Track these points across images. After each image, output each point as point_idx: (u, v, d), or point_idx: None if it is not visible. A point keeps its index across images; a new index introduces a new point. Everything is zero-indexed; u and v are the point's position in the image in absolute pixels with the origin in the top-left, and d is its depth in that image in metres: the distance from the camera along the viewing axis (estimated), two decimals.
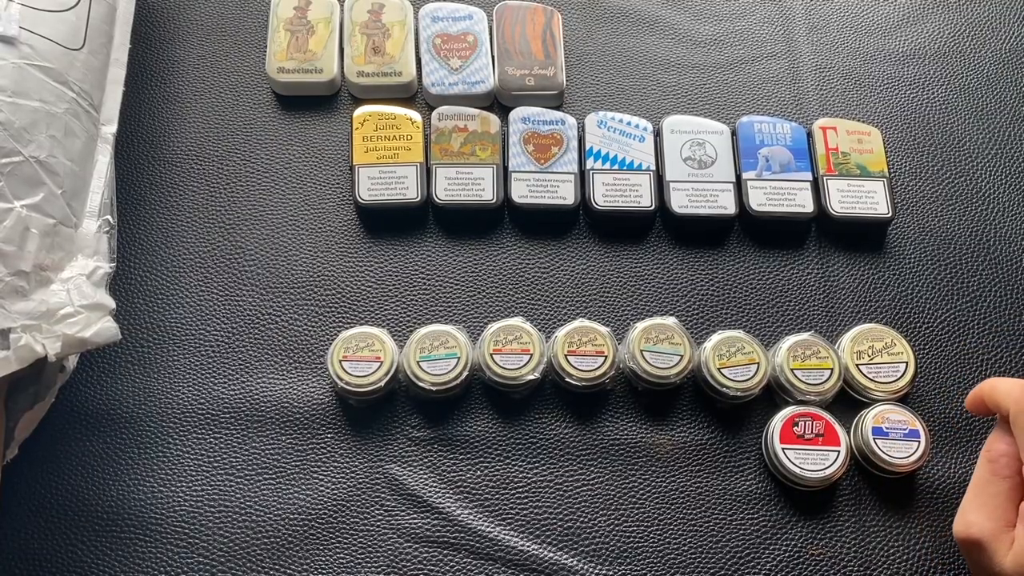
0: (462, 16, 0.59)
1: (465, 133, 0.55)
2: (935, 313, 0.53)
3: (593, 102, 0.59)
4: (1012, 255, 0.55)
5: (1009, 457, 0.41)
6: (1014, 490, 0.41)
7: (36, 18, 0.46)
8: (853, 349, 0.50)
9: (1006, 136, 0.59)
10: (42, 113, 0.44)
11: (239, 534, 0.45)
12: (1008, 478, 0.41)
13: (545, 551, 0.46)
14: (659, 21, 0.62)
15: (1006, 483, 0.41)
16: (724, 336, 0.49)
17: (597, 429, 0.49)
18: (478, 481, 0.47)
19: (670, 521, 0.47)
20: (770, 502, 0.47)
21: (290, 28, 0.58)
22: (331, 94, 0.58)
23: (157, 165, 0.55)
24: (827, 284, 0.53)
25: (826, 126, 0.56)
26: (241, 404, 0.49)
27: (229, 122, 0.57)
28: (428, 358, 0.47)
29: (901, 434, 0.47)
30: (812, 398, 0.48)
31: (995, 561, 0.40)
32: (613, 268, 0.53)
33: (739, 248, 0.55)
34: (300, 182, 0.55)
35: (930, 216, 0.56)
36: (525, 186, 0.54)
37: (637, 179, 0.54)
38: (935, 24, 0.63)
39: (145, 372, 0.49)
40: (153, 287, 0.52)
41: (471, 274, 0.53)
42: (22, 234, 0.41)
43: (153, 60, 0.59)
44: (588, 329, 0.49)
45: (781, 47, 0.62)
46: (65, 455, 0.47)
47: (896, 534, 0.47)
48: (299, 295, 0.52)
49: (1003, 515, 0.41)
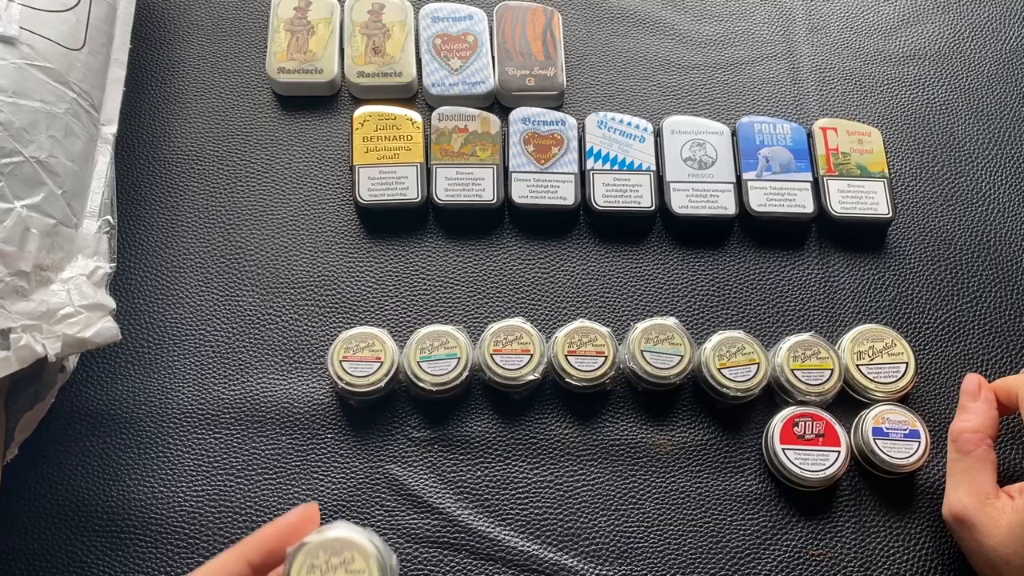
0: (462, 16, 0.60)
1: (465, 133, 0.55)
2: (935, 313, 0.53)
3: (593, 102, 0.59)
4: (1012, 255, 0.55)
5: (969, 432, 0.45)
6: (982, 461, 0.43)
7: (36, 18, 0.46)
8: (853, 349, 0.50)
9: (1006, 136, 0.59)
10: (42, 113, 0.44)
11: (239, 534, 0.45)
12: (972, 452, 0.44)
13: (545, 551, 0.46)
14: (659, 21, 0.62)
15: (972, 457, 0.44)
16: (724, 336, 0.49)
17: (597, 429, 0.49)
18: (478, 481, 0.47)
19: (670, 521, 0.47)
20: (770, 502, 0.47)
21: (290, 28, 0.58)
22: (331, 94, 0.58)
23: (157, 165, 0.55)
24: (827, 284, 0.53)
25: (826, 126, 0.56)
26: (241, 404, 0.49)
27: (229, 122, 0.57)
28: (428, 358, 0.47)
29: (901, 434, 0.47)
30: (812, 398, 0.48)
31: (986, 535, 0.41)
32: (613, 268, 0.53)
33: (739, 248, 0.55)
34: (300, 182, 0.55)
35: (930, 216, 0.56)
36: (525, 186, 0.54)
37: (637, 179, 0.54)
38: (935, 25, 0.63)
39: (145, 372, 0.49)
40: (153, 287, 0.52)
41: (471, 274, 0.53)
42: (22, 234, 0.41)
43: (153, 60, 0.59)
44: (588, 329, 0.49)
45: (781, 47, 0.62)
46: (65, 455, 0.47)
47: (896, 534, 0.47)
48: (299, 295, 0.52)
49: (980, 488, 0.43)
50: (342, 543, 0.31)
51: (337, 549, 0.31)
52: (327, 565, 0.30)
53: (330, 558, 0.30)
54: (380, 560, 0.31)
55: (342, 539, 0.31)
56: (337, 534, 0.31)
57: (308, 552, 0.30)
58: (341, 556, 0.30)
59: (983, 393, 0.46)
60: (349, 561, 0.30)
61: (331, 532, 0.31)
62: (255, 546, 0.30)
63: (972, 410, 0.46)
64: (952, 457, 0.45)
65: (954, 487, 0.44)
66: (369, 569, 0.30)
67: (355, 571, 0.30)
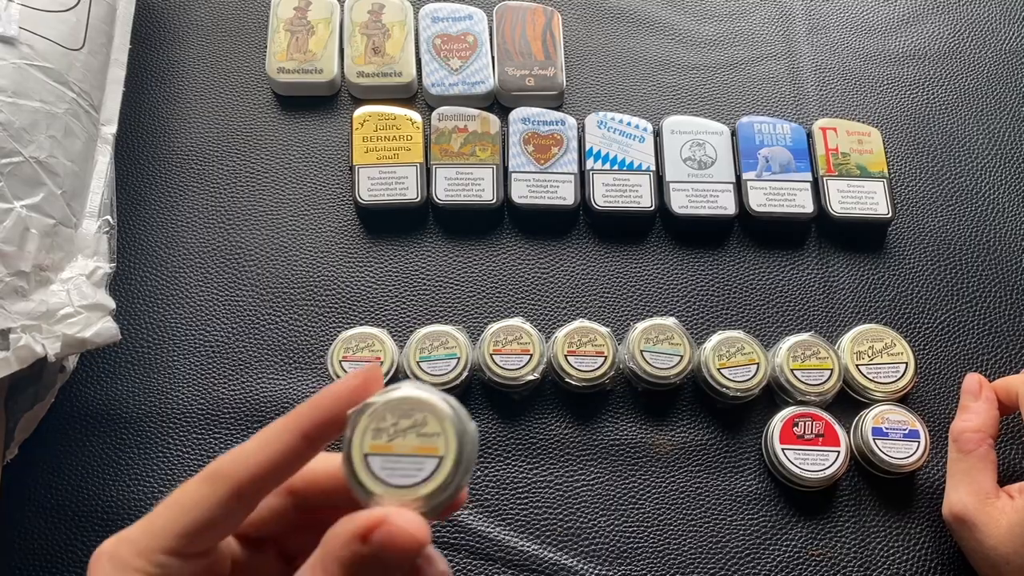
0: (462, 16, 0.59)
1: (465, 133, 0.55)
2: (935, 313, 0.53)
3: (593, 102, 0.59)
4: (1012, 255, 0.55)
5: (970, 431, 0.45)
6: (982, 460, 0.43)
7: (36, 18, 0.46)
8: (853, 349, 0.50)
9: (1006, 136, 0.59)
10: (42, 113, 0.44)
11: None
12: (973, 451, 0.44)
13: (545, 551, 0.46)
14: (659, 21, 0.62)
15: (972, 456, 0.44)
16: (724, 336, 0.49)
17: (597, 429, 0.49)
18: (478, 481, 0.47)
19: (670, 521, 0.47)
20: (770, 502, 0.47)
21: (290, 28, 0.58)
22: (331, 94, 0.58)
23: (157, 165, 0.55)
24: (827, 284, 0.53)
25: (826, 127, 0.56)
26: (241, 404, 0.49)
27: (229, 122, 0.57)
28: (428, 358, 0.47)
29: (901, 434, 0.47)
30: (812, 398, 0.48)
31: (986, 534, 0.41)
32: (613, 268, 0.53)
33: (739, 248, 0.55)
34: (300, 182, 0.55)
35: (930, 216, 0.56)
36: (525, 186, 0.54)
37: (637, 179, 0.54)
38: (935, 25, 0.63)
39: (145, 372, 0.49)
40: (153, 287, 0.52)
41: (471, 274, 0.53)
42: (22, 234, 0.41)
43: (153, 60, 0.59)
44: (588, 329, 0.49)
45: (781, 47, 0.62)
46: (65, 455, 0.47)
47: (896, 534, 0.47)
48: (299, 295, 0.52)
49: (980, 487, 0.43)
50: (412, 403, 0.25)
51: (406, 410, 0.25)
52: (395, 429, 0.25)
53: (398, 420, 0.25)
54: (457, 422, 0.25)
55: (412, 398, 0.25)
56: (406, 393, 0.25)
57: (373, 415, 0.25)
58: (411, 418, 0.25)
59: (984, 392, 0.46)
60: (421, 424, 0.25)
61: (399, 391, 0.25)
62: (310, 415, 0.25)
63: (973, 409, 0.46)
64: (953, 456, 0.45)
65: (954, 486, 0.44)
66: (444, 432, 0.25)
67: (428, 434, 0.25)
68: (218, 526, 0.24)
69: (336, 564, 0.23)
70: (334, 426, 0.25)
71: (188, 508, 0.24)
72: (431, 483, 0.24)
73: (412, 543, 0.22)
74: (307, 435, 0.25)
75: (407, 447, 0.25)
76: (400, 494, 0.24)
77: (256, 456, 0.24)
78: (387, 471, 0.24)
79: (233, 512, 0.24)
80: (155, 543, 0.24)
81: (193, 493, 0.24)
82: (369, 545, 0.22)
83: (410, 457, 0.25)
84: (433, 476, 0.24)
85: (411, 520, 0.23)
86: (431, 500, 0.24)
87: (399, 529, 0.22)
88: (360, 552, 0.22)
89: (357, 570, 0.23)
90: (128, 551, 0.24)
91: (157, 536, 0.24)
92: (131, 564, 0.24)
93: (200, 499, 0.24)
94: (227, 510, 0.24)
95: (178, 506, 0.24)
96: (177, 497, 0.24)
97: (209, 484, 0.24)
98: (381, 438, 0.25)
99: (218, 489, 0.24)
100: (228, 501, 0.24)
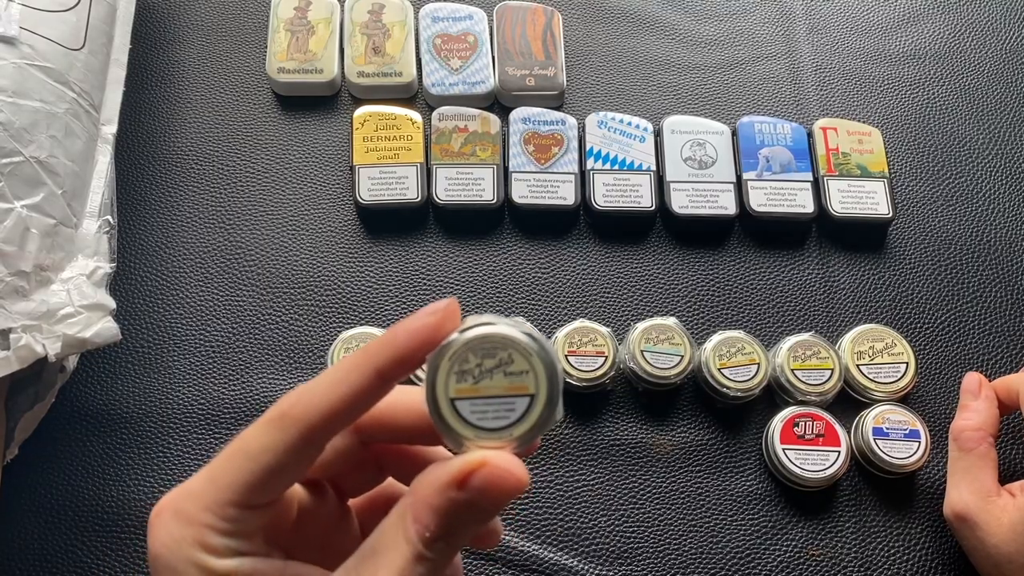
0: (462, 16, 0.59)
1: (465, 133, 0.55)
2: (935, 313, 0.53)
3: (593, 102, 0.59)
4: (1012, 255, 0.55)
5: (970, 430, 0.45)
6: (983, 459, 0.44)
7: (36, 18, 0.46)
8: (853, 349, 0.50)
9: (1006, 136, 0.59)
10: (42, 113, 0.44)
11: None
12: (973, 450, 0.44)
13: (545, 551, 0.46)
14: (659, 21, 0.62)
15: (973, 455, 0.44)
16: (724, 336, 0.49)
17: (597, 429, 0.49)
18: None
19: (670, 521, 0.47)
20: (770, 502, 0.47)
21: (290, 28, 0.58)
22: (331, 94, 0.58)
23: (157, 165, 0.55)
24: (827, 284, 0.53)
25: (826, 126, 0.56)
26: (241, 404, 0.49)
27: (229, 122, 0.57)
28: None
29: (901, 434, 0.47)
30: (812, 398, 0.48)
31: (988, 533, 0.41)
32: (613, 268, 0.53)
33: (739, 248, 0.55)
34: (300, 182, 0.55)
35: (930, 216, 0.56)
36: (525, 186, 0.54)
37: (637, 179, 0.54)
38: (935, 24, 0.63)
39: (145, 372, 0.49)
40: (153, 287, 0.52)
41: (471, 274, 0.53)
42: (22, 234, 0.41)
43: (153, 60, 0.59)
44: (588, 329, 0.49)
45: (781, 47, 0.62)
46: (65, 455, 0.47)
47: (896, 534, 0.47)
48: (299, 295, 0.52)
49: (982, 486, 0.43)
50: (496, 340, 0.23)
51: (490, 349, 0.23)
52: (480, 370, 0.23)
53: (483, 361, 0.23)
54: (545, 358, 0.23)
55: (495, 335, 0.23)
56: (487, 331, 0.23)
57: (454, 356, 0.23)
58: (496, 357, 0.23)
59: (984, 391, 0.46)
60: (507, 362, 0.23)
61: (480, 329, 0.24)
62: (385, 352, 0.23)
63: (973, 408, 0.46)
64: (953, 455, 0.45)
65: (955, 485, 0.44)
66: (533, 369, 0.23)
67: (515, 372, 0.23)
68: (288, 472, 0.23)
69: (430, 512, 0.22)
70: (410, 363, 0.23)
71: (255, 455, 0.22)
72: (524, 423, 0.23)
73: (518, 484, 0.22)
74: (382, 373, 0.23)
75: (496, 388, 0.23)
76: (494, 437, 0.23)
77: (327, 395, 0.23)
78: (477, 415, 0.23)
79: (303, 457, 0.23)
80: (222, 495, 0.22)
81: (260, 439, 0.22)
82: (467, 491, 0.21)
83: (500, 398, 0.23)
84: (526, 416, 0.23)
85: (511, 462, 0.22)
86: (524, 440, 0.23)
87: (504, 471, 0.22)
88: (456, 499, 0.22)
89: (451, 519, 0.22)
90: (194, 506, 0.22)
91: (224, 488, 0.22)
92: (198, 519, 0.22)
93: (268, 445, 0.22)
94: (297, 455, 0.22)
95: (243, 454, 0.22)
96: (241, 445, 0.23)
97: (277, 428, 0.22)
98: (466, 380, 0.23)
99: (287, 433, 0.22)
100: (298, 445, 0.22)
